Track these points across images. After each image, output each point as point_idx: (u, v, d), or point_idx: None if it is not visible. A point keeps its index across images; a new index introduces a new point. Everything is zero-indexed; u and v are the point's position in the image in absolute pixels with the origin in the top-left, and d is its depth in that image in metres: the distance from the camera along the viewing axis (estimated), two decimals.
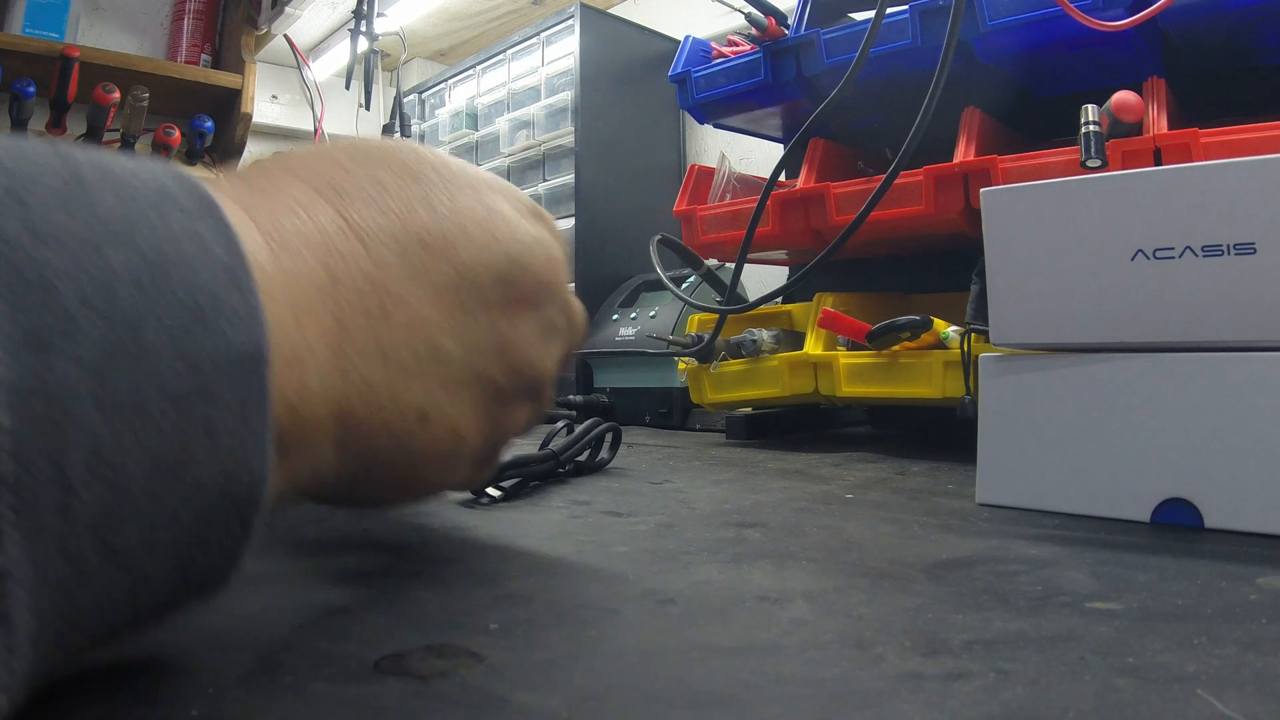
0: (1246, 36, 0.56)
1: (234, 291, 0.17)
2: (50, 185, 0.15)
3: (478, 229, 0.25)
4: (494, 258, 0.25)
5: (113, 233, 0.15)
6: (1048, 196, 0.36)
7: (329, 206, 0.22)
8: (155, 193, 0.17)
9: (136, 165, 0.18)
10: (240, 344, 0.17)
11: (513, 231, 0.26)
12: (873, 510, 0.39)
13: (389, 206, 0.24)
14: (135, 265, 0.15)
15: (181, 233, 0.17)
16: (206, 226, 0.17)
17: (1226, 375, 0.32)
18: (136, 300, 0.15)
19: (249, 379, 0.17)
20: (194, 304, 0.16)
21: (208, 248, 0.17)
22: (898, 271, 0.78)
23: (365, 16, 1.29)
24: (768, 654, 0.20)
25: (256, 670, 0.19)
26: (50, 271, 0.14)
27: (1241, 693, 0.17)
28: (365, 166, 0.24)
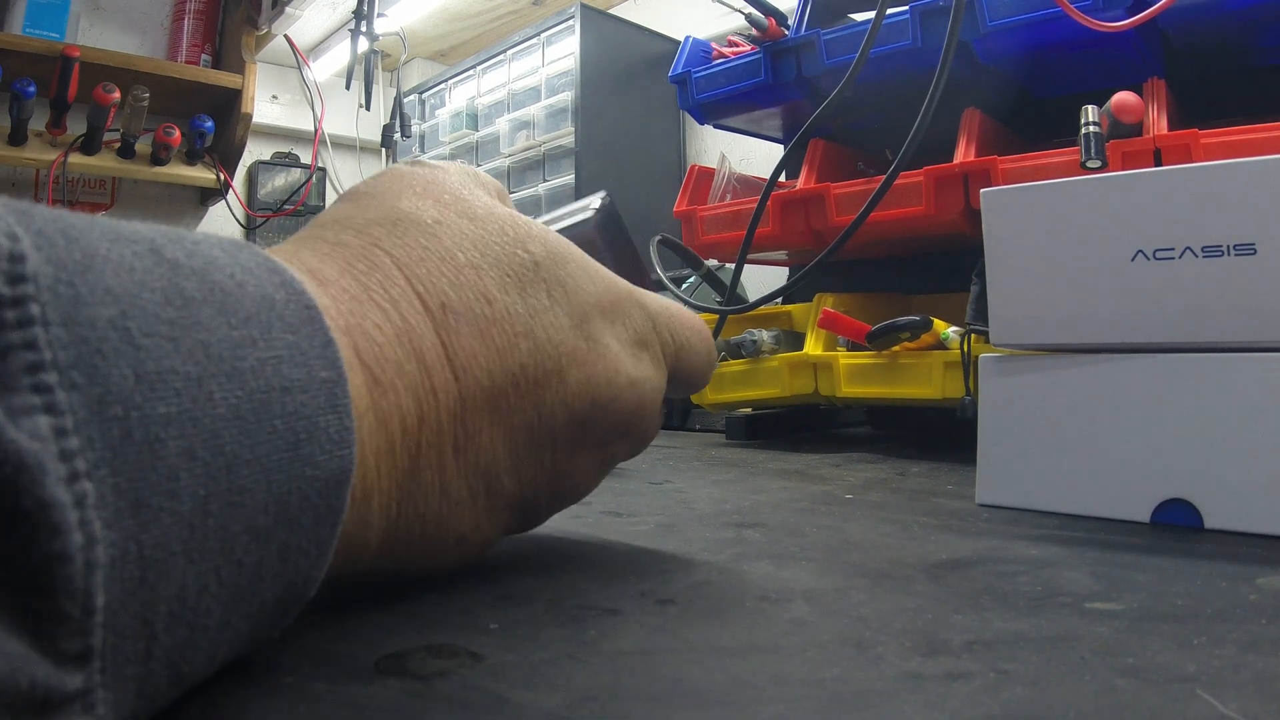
0: (1246, 37, 0.56)
1: (331, 413, 0.17)
2: (156, 310, 0.14)
3: (575, 370, 0.24)
4: (578, 402, 0.24)
5: (218, 364, 0.15)
6: (1048, 197, 0.36)
7: (434, 332, 0.21)
8: (259, 304, 0.17)
9: (238, 269, 0.17)
10: (329, 469, 0.17)
11: (610, 375, 0.25)
12: (873, 510, 0.39)
13: (492, 335, 0.22)
14: (239, 401, 0.15)
15: (285, 351, 0.16)
16: (308, 339, 0.17)
17: (1226, 375, 0.32)
18: (238, 441, 0.15)
19: (330, 500, 0.17)
20: (291, 434, 0.16)
21: (309, 367, 0.17)
22: (898, 272, 0.78)
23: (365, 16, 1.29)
24: (768, 654, 0.20)
25: (256, 670, 0.19)
26: (156, 424, 0.14)
27: (1241, 693, 0.17)
28: (479, 272, 0.23)
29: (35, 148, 1.26)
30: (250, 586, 0.16)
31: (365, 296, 0.21)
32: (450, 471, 0.22)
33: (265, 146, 1.62)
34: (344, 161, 1.68)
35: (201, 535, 0.14)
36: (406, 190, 0.24)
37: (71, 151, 1.27)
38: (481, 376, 0.22)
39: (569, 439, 0.25)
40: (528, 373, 0.23)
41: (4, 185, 1.36)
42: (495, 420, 0.23)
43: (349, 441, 0.17)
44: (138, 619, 0.13)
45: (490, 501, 0.23)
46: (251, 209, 1.56)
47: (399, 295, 0.21)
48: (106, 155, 1.31)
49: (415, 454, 0.21)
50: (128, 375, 0.13)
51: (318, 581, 0.18)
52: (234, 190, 1.46)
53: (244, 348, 0.16)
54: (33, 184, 1.37)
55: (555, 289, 0.24)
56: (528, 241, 0.24)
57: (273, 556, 0.16)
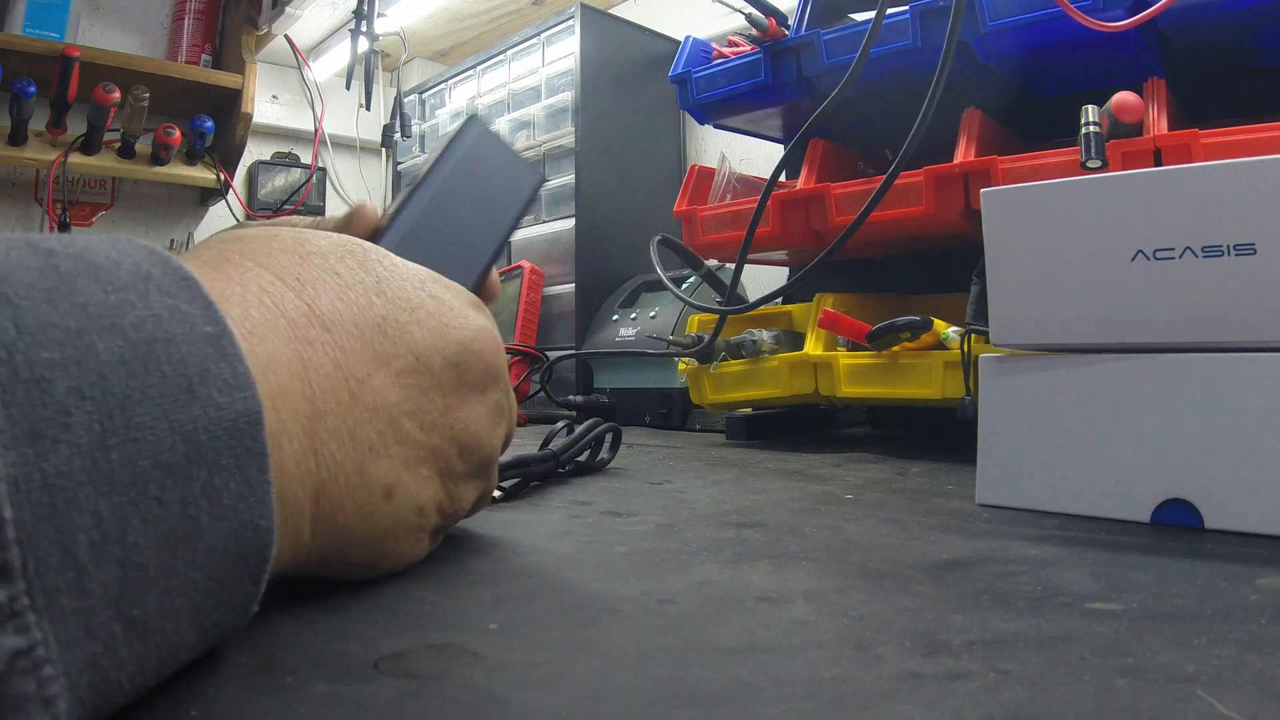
0: (1246, 37, 0.56)
1: (221, 361, 0.18)
2: (31, 280, 0.16)
3: (429, 318, 0.27)
4: (446, 344, 0.27)
5: (97, 320, 0.16)
6: (1048, 197, 0.36)
7: (294, 296, 0.24)
8: (134, 275, 0.18)
9: (113, 249, 0.18)
10: (234, 409, 0.18)
11: (461, 320, 0.28)
12: (873, 511, 0.39)
13: (348, 295, 0.25)
14: (122, 349, 0.16)
15: (164, 311, 0.17)
16: (187, 302, 0.18)
17: (1226, 375, 0.32)
18: (126, 383, 0.16)
19: (245, 442, 0.18)
20: (183, 378, 0.17)
21: (191, 323, 0.18)
22: (898, 272, 0.78)
23: (365, 16, 1.29)
24: (768, 654, 0.20)
25: (256, 670, 0.19)
26: (42, 366, 0.15)
27: (1241, 693, 0.17)
28: (320, 257, 0.26)
29: (35, 148, 1.26)
30: (183, 527, 0.16)
31: (224, 279, 0.23)
32: (353, 415, 0.24)
33: (265, 146, 1.62)
34: (344, 161, 1.68)
35: (105, 468, 0.15)
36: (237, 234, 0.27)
37: (71, 151, 1.27)
38: (350, 328, 0.24)
39: (452, 382, 0.27)
40: (389, 322, 0.26)
41: (4, 185, 1.36)
42: (377, 365, 0.25)
43: (247, 384, 0.18)
44: (57, 545, 0.14)
45: (401, 449, 0.25)
46: (252, 209, 1.56)
47: (254, 275, 0.23)
48: (106, 155, 1.31)
49: (311, 399, 0.22)
50: (8, 327, 0.14)
51: (271, 535, 0.18)
52: (234, 190, 1.46)
53: (122, 308, 0.17)
54: (33, 184, 1.37)
55: (388, 264, 0.27)
56: (349, 241, 0.27)
57: (197, 496, 0.17)
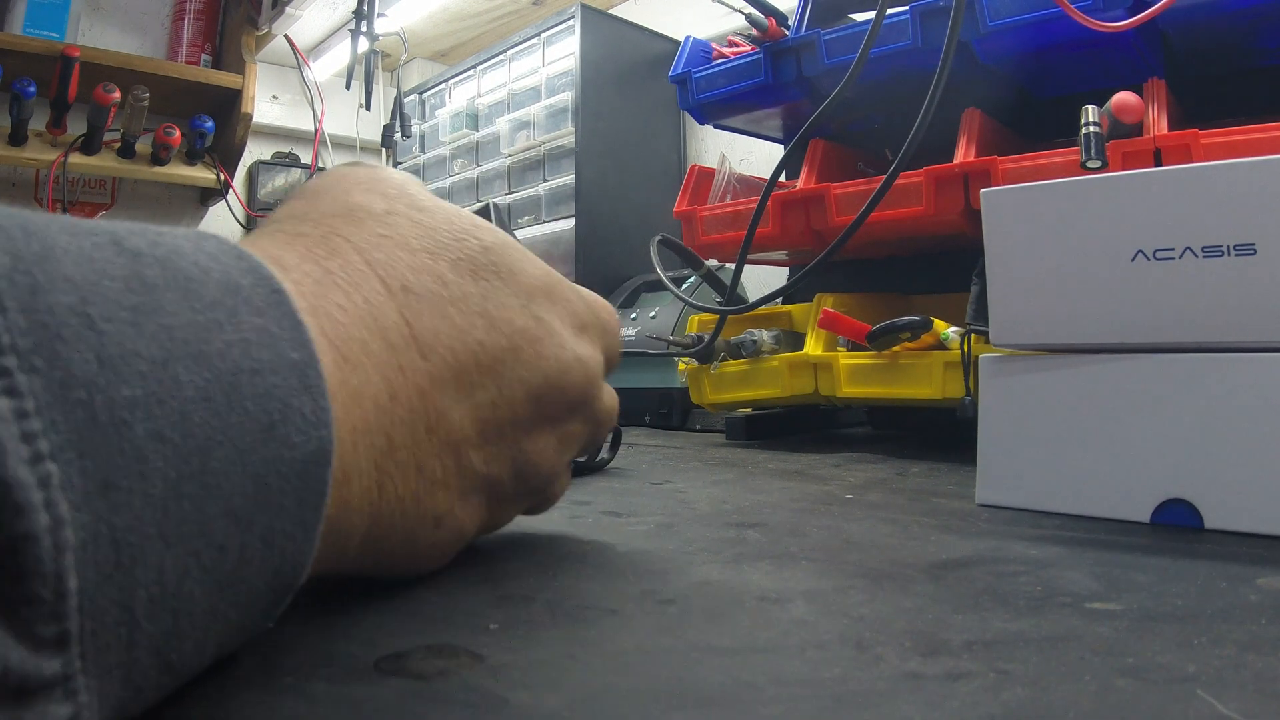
0: (1246, 37, 0.56)
1: (304, 394, 0.17)
2: (117, 297, 0.14)
3: (528, 347, 0.25)
4: (533, 376, 0.25)
5: (184, 347, 0.15)
6: (1048, 197, 0.36)
7: (397, 311, 0.22)
8: (224, 289, 0.17)
9: (203, 255, 0.17)
10: (307, 449, 0.17)
11: (557, 350, 0.26)
12: (873, 511, 0.39)
13: (451, 315, 0.23)
14: (207, 383, 0.15)
15: (253, 334, 0.16)
16: (276, 322, 0.17)
17: (1226, 375, 0.32)
18: (208, 422, 0.15)
19: (311, 482, 0.17)
20: (264, 415, 0.16)
21: (279, 350, 0.17)
22: (898, 272, 0.78)
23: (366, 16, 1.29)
24: (768, 654, 0.20)
25: (256, 670, 0.19)
26: (122, 406, 0.13)
27: (1241, 693, 0.17)
28: (433, 256, 0.24)
29: (35, 148, 1.26)
30: (235, 572, 0.16)
31: (327, 280, 0.21)
32: (425, 449, 0.22)
33: (265, 146, 1.62)
34: (344, 161, 1.68)
35: (177, 518, 0.14)
36: (355, 186, 0.25)
37: (71, 151, 1.27)
38: (446, 354, 0.23)
39: (528, 416, 0.25)
40: (486, 349, 0.24)
41: (4, 185, 1.36)
42: (462, 397, 0.23)
43: (325, 421, 0.17)
44: (117, 604, 0.13)
45: (461, 481, 0.24)
46: (252, 209, 1.55)
47: (360, 278, 0.22)
48: (106, 155, 1.31)
49: (390, 431, 0.21)
50: (90, 359, 0.13)
51: (306, 568, 0.18)
52: (234, 190, 1.46)
53: (210, 330, 0.16)
54: (33, 184, 1.37)
55: (504, 272, 0.25)
56: (474, 230, 0.25)
57: (255, 541, 0.16)
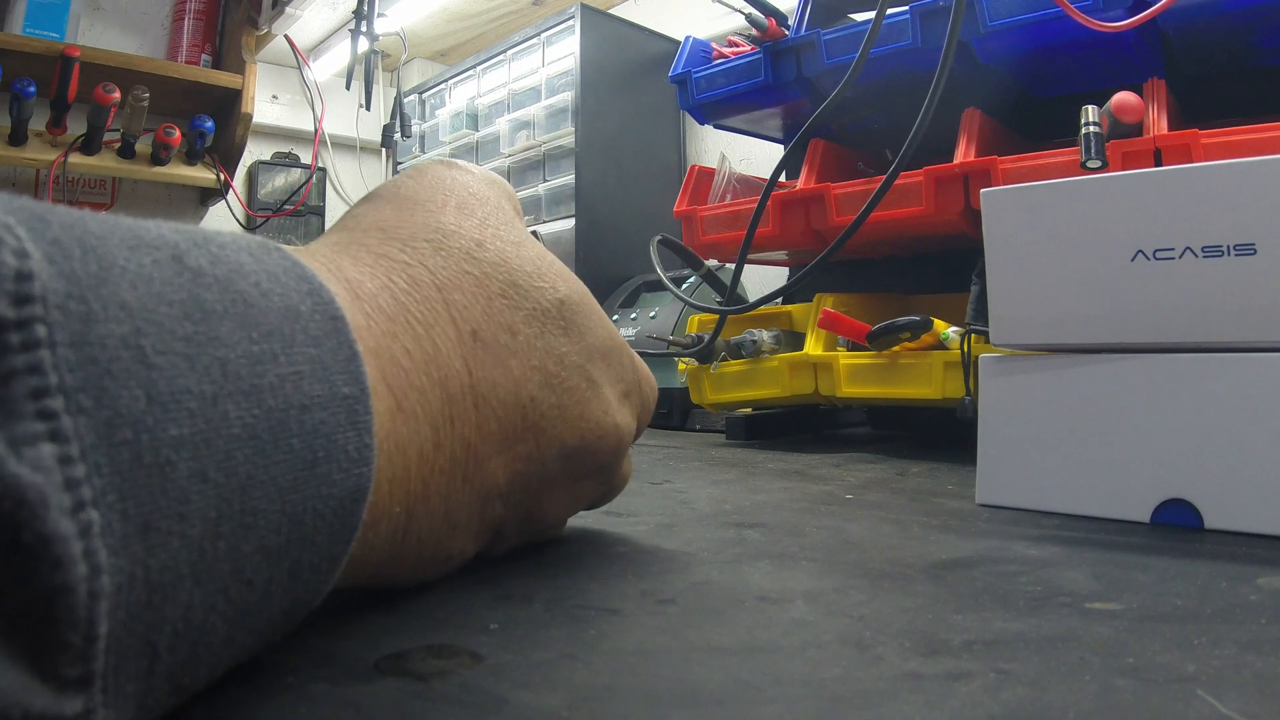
0: (1246, 37, 0.56)
1: (350, 430, 0.17)
2: (173, 326, 0.14)
3: (574, 407, 0.25)
4: (571, 437, 0.25)
5: (236, 382, 0.15)
6: (1048, 197, 0.36)
7: (462, 359, 0.22)
8: (283, 316, 0.16)
9: (264, 276, 0.16)
10: (346, 486, 0.17)
11: (601, 416, 0.26)
12: (873, 511, 0.39)
13: (511, 367, 0.23)
14: (255, 421, 0.15)
15: (307, 367, 0.16)
16: (332, 352, 0.17)
17: (1226, 375, 0.32)
18: (252, 461, 0.15)
19: (345, 519, 0.17)
20: (308, 452, 0.16)
21: (332, 383, 0.17)
22: (898, 272, 0.78)
23: (365, 17, 1.29)
24: (768, 654, 0.20)
25: (256, 670, 0.19)
26: (168, 446, 0.13)
27: (1241, 693, 0.17)
28: (510, 304, 0.23)
29: (35, 148, 1.26)
30: (259, 604, 0.16)
31: (402, 317, 0.21)
32: (457, 497, 0.22)
33: (265, 146, 1.62)
34: (344, 161, 1.68)
35: (211, 557, 0.14)
36: (450, 202, 0.25)
37: (71, 151, 1.27)
38: (498, 407, 0.23)
39: (555, 472, 0.25)
40: (536, 405, 0.24)
41: (4, 185, 1.36)
42: (502, 449, 0.23)
43: (368, 459, 0.17)
44: (141, 640, 0.13)
45: (481, 525, 0.24)
46: (251, 209, 1.55)
47: (434, 319, 0.21)
48: (106, 155, 1.31)
49: (428, 479, 0.21)
50: (139, 396, 0.13)
51: (324, 594, 0.18)
52: (234, 190, 1.46)
53: (264, 363, 0.15)
54: (33, 184, 1.37)
55: (573, 330, 0.25)
56: (556, 281, 0.25)
57: (283, 574, 0.16)
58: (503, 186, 0.28)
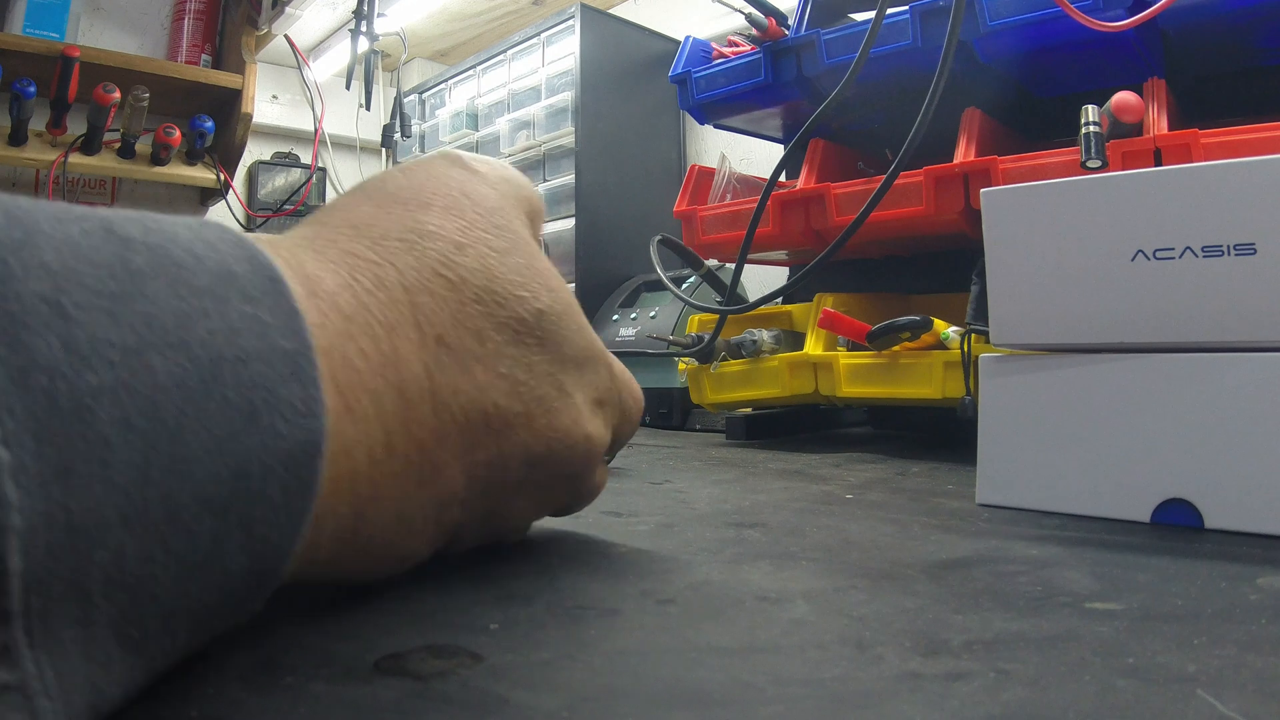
0: (1246, 37, 0.56)
1: (293, 383, 0.17)
2: (96, 285, 0.14)
3: (542, 416, 0.24)
4: (537, 445, 0.24)
5: (161, 335, 0.15)
6: (1048, 197, 0.36)
7: (423, 364, 0.21)
8: (217, 277, 0.16)
9: (200, 243, 0.17)
10: (294, 439, 0.16)
11: (570, 426, 0.25)
12: (873, 510, 0.39)
13: (475, 373, 0.23)
14: (184, 371, 0.15)
15: (240, 322, 0.16)
16: (270, 310, 0.17)
17: (1226, 375, 0.32)
18: (181, 409, 0.15)
19: (299, 473, 0.17)
20: (246, 403, 0.16)
21: (268, 337, 0.16)
22: (898, 272, 0.78)
23: (365, 16, 1.29)
24: (768, 654, 0.20)
25: (256, 670, 0.19)
26: (87, 393, 0.13)
27: (1241, 693, 0.17)
28: (484, 310, 0.23)
29: (35, 148, 1.26)
30: (209, 556, 0.15)
31: (361, 317, 0.20)
32: (411, 501, 0.22)
33: (265, 146, 1.62)
34: (344, 161, 1.68)
35: (142, 504, 0.14)
36: (438, 200, 0.24)
37: (71, 151, 1.27)
38: (459, 413, 0.22)
39: (519, 478, 0.25)
40: (501, 412, 0.23)
41: (4, 185, 1.36)
42: (462, 455, 0.23)
43: (316, 412, 0.17)
44: (67, 583, 0.13)
45: (438, 529, 0.24)
46: (252, 209, 1.55)
47: (397, 322, 0.21)
48: (106, 155, 1.31)
49: (379, 483, 0.20)
50: (54, 345, 0.13)
51: (290, 557, 0.18)
52: (234, 190, 1.46)
53: (193, 319, 0.15)
54: (33, 184, 1.37)
55: (548, 340, 0.25)
56: (540, 291, 0.24)
57: (233, 527, 0.16)
58: (514, 187, 0.27)
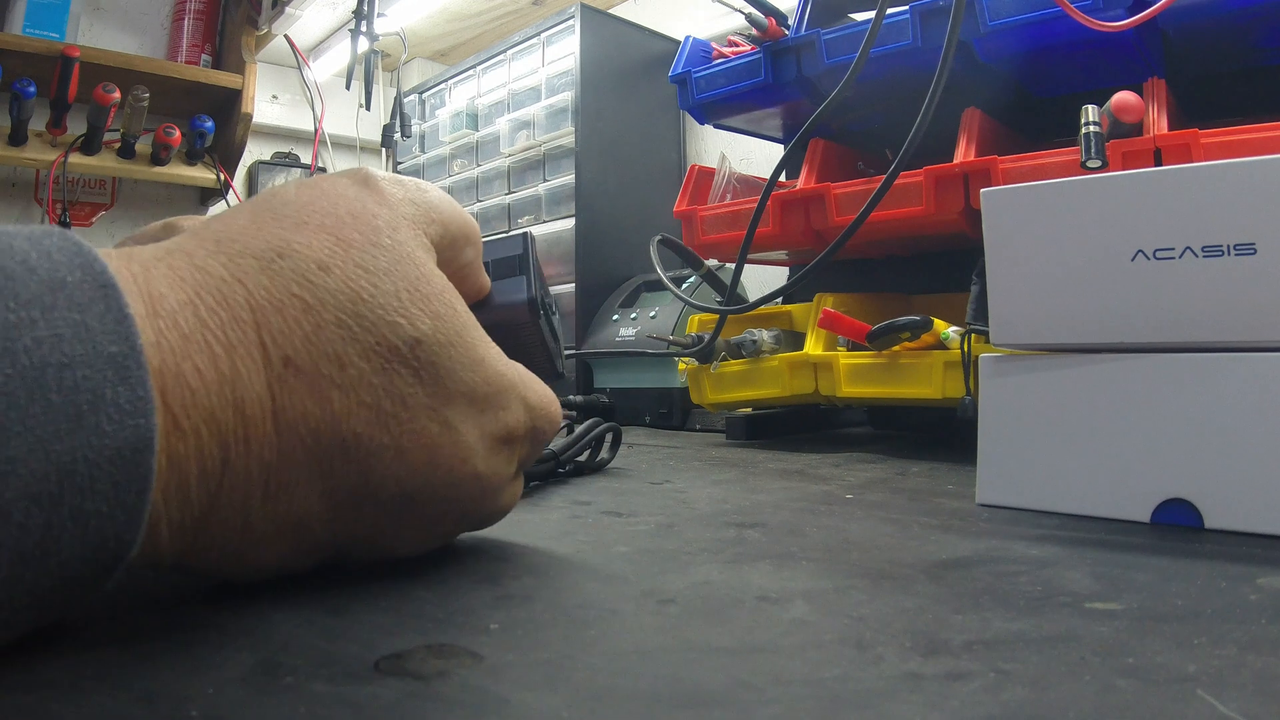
0: (1246, 37, 0.56)
1: (120, 385, 0.17)
2: None
3: (419, 452, 0.23)
4: (414, 481, 0.23)
5: None
6: (1048, 197, 0.36)
7: (265, 385, 0.21)
8: (46, 286, 0.17)
9: (35, 254, 0.17)
10: (120, 438, 0.17)
11: (456, 465, 0.24)
12: (873, 510, 0.39)
13: (331, 399, 0.22)
14: (8, 379, 0.16)
15: (67, 329, 0.17)
16: (98, 317, 0.17)
17: (1226, 375, 0.32)
18: (5, 415, 0.16)
19: (129, 469, 0.18)
20: (70, 406, 0.17)
21: (95, 343, 0.17)
22: (898, 272, 0.78)
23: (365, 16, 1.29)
24: (768, 654, 0.20)
25: (256, 670, 0.19)
26: None
27: (1241, 693, 0.17)
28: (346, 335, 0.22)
29: (35, 148, 1.26)
30: (41, 546, 0.17)
31: (199, 336, 0.20)
32: (256, 514, 0.22)
33: (265, 146, 1.62)
34: (344, 161, 1.68)
35: None
36: (315, 219, 0.23)
37: (71, 151, 1.27)
38: (307, 436, 0.22)
39: (396, 509, 0.24)
40: (361, 441, 0.22)
41: (4, 185, 1.36)
42: (315, 477, 0.22)
43: (144, 411, 0.18)
44: None
45: (298, 544, 0.23)
46: None
47: (238, 340, 0.21)
48: (106, 155, 1.31)
49: (215, 493, 0.21)
50: None
51: (133, 546, 0.18)
52: (234, 190, 1.46)
53: (18, 329, 0.16)
54: (33, 184, 1.37)
55: (425, 370, 0.23)
56: (417, 317, 0.23)
57: (64, 520, 0.17)
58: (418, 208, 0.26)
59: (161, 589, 0.25)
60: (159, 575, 0.26)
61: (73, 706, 0.17)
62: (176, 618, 0.23)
